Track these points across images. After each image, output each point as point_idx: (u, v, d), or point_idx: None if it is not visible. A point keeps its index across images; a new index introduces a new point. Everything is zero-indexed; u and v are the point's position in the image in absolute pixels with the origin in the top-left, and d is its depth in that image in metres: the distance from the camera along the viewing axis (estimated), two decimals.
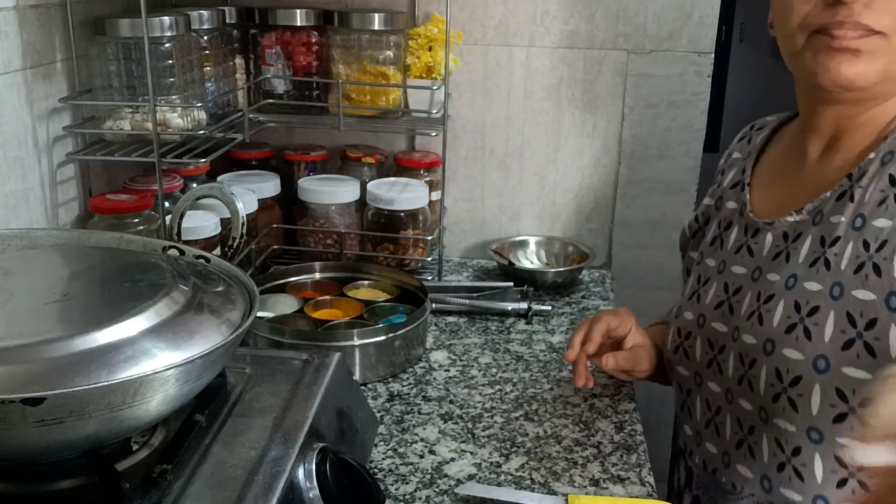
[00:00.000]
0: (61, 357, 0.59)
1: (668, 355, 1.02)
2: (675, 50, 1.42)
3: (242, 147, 1.44)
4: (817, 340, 0.81)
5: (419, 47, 1.36)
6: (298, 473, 0.70)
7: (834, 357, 0.79)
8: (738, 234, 0.95)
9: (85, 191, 1.21)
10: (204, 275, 0.77)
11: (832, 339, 0.80)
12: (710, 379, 0.94)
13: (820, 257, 0.83)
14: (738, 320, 0.90)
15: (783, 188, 0.93)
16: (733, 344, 0.90)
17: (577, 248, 1.49)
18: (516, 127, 1.49)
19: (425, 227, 1.42)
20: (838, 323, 0.80)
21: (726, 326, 0.92)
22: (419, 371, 1.13)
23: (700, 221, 1.06)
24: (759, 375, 0.86)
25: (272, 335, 1.06)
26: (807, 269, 0.84)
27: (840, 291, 0.80)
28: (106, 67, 1.12)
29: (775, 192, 0.94)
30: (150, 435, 0.72)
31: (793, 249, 0.87)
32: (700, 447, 0.96)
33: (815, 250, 0.84)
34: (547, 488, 0.88)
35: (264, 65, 1.37)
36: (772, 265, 0.89)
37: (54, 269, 0.79)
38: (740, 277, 0.92)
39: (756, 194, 0.96)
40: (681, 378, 0.99)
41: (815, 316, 0.82)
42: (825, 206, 0.85)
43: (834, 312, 0.80)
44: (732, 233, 0.96)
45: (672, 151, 1.48)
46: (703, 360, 0.95)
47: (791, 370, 0.82)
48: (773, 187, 0.95)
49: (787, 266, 0.86)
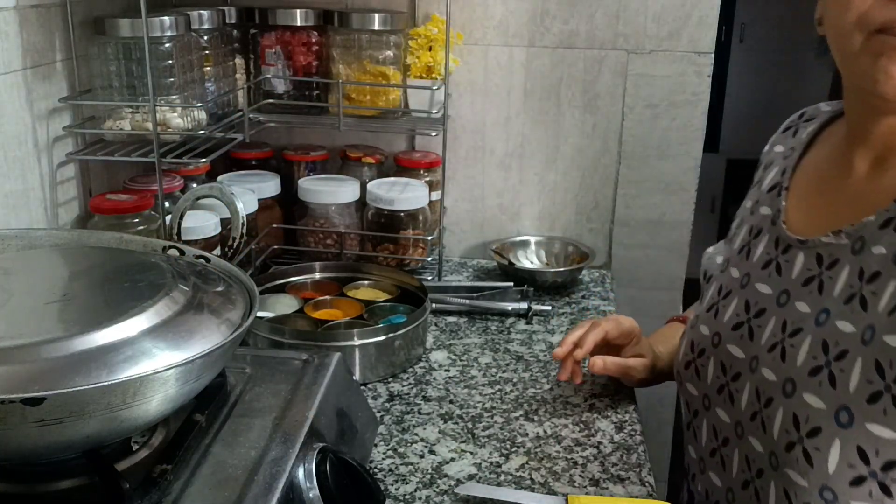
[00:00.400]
0: (61, 357, 0.59)
1: (678, 367, 0.94)
2: (675, 50, 1.42)
3: (242, 147, 1.44)
4: (842, 389, 0.70)
5: (419, 47, 1.36)
6: (298, 473, 0.70)
7: (858, 410, 0.69)
8: (768, 247, 0.85)
9: (85, 191, 1.21)
10: (204, 275, 0.77)
11: (857, 390, 0.69)
12: (719, 406, 0.85)
13: (856, 294, 0.72)
14: (758, 348, 0.80)
15: (823, 201, 0.82)
16: (750, 375, 0.80)
17: (577, 248, 1.49)
18: (516, 127, 1.49)
19: (425, 227, 1.42)
20: (865, 371, 0.69)
21: (743, 353, 0.82)
22: (419, 371, 1.13)
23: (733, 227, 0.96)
24: (773, 417, 0.76)
25: (272, 335, 1.06)
26: (841, 306, 0.73)
27: (871, 335, 0.69)
28: (106, 67, 1.12)
29: (814, 204, 0.84)
30: (150, 435, 0.72)
31: (827, 278, 0.76)
32: (703, 475, 0.88)
33: (853, 284, 0.73)
34: (547, 488, 0.88)
35: (264, 65, 1.37)
36: (801, 292, 0.78)
37: (54, 269, 0.79)
38: (765, 298, 0.82)
39: (793, 203, 0.86)
40: (689, 396, 0.91)
41: (842, 361, 0.71)
42: (867, 232, 0.73)
43: (862, 359, 0.70)
44: (762, 243, 0.86)
45: (672, 151, 1.48)
46: (714, 383, 0.86)
47: (810, 419, 0.72)
48: (813, 198, 0.84)
49: (820, 298, 0.76)
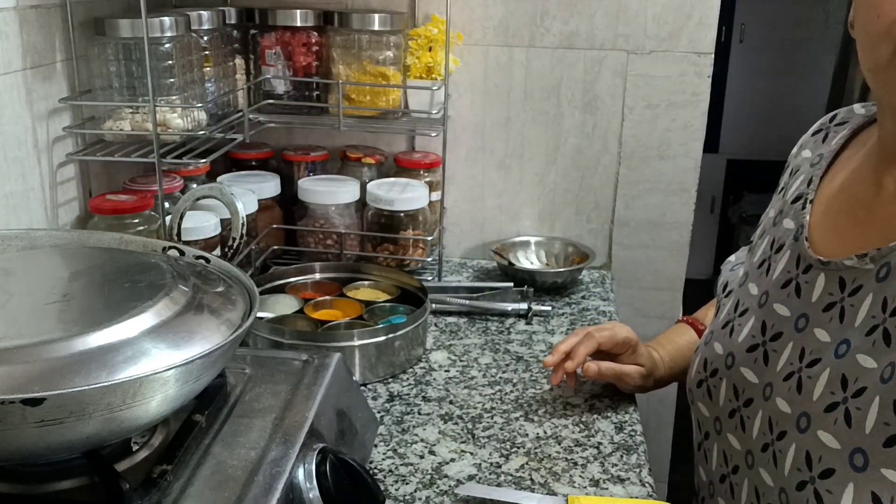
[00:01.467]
0: (61, 357, 0.59)
1: (690, 385, 0.91)
2: (675, 50, 1.42)
3: (242, 147, 1.44)
4: (857, 429, 0.66)
5: (419, 47, 1.36)
6: (298, 474, 0.70)
7: (873, 454, 0.64)
8: (789, 264, 0.80)
9: (85, 191, 1.21)
10: (204, 275, 0.77)
11: (873, 432, 0.64)
12: (730, 431, 0.82)
13: (879, 326, 0.67)
14: (773, 376, 0.76)
15: (849, 220, 0.77)
16: (763, 403, 0.77)
17: (577, 248, 1.49)
18: (516, 127, 1.49)
19: (425, 228, 1.42)
20: (883, 412, 0.64)
21: (757, 378, 0.78)
22: (419, 371, 1.13)
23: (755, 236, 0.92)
24: (786, 451, 0.72)
25: (272, 335, 1.06)
26: (862, 338, 0.68)
27: (891, 373, 0.64)
28: (106, 68, 1.12)
29: (839, 222, 0.78)
30: (150, 435, 0.72)
31: (849, 306, 0.71)
32: (713, 499, 0.86)
33: (875, 315, 0.68)
34: (547, 489, 0.88)
35: (264, 65, 1.37)
36: (821, 318, 0.73)
37: (54, 269, 0.79)
38: (782, 321, 0.78)
39: (817, 217, 0.80)
40: (700, 416, 0.88)
41: (860, 398, 0.66)
42: (894, 259, 0.68)
43: (880, 398, 0.65)
44: (783, 260, 0.81)
45: (672, 151, 1.48)
46: (725, 406, 0.83)
47: (824, 459, 0.68)
48: (839, 215, 0.78)
49: (841, 327, 0.71)
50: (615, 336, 1.03)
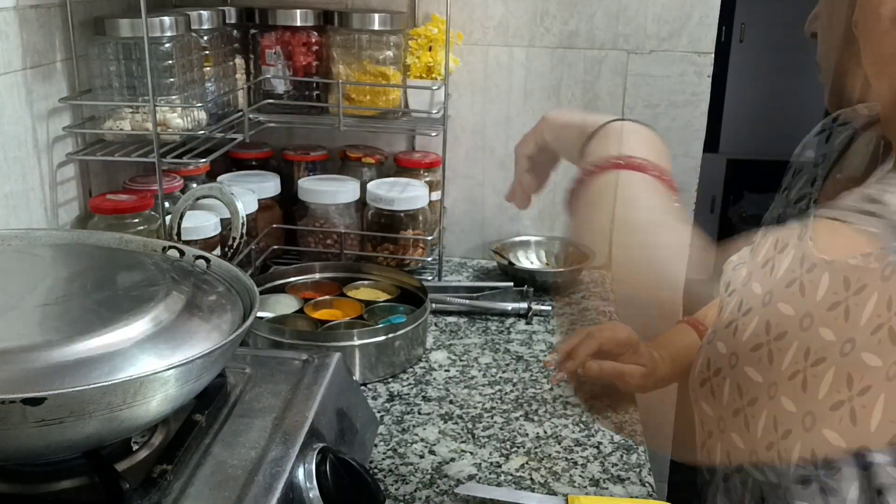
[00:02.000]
0: (62, 358, 0.59)
1: (693, 384, 0.91)
2: (675, 50, 1.42)
3: (242, 147, 1.44)
4: (862, 428, 0.67)
5: (419, 47, 1.36)
6: (298, 473, 0.70)
7: (879, 452, 0.67)
8: (793, 264, 0.81)
9: (85, 191, 1.21)
10: (204, 275, 0.77)
11: (878, 430, 0.66)
12: (734, 430, 0.83)
13: (884, 324, 0.67)
14: (778, 374, 0.78)
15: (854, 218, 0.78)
16: (768, 402, 0.78)
17: (577, 249, 1.49)
18: (516, 127, 1.49)
19: (425, 228, 1.42)
20: (888, 410, 0.65)
21: (762, 377, 0.80)
22: (419, 371, 1.13)
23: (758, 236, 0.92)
24: (791, 450, 0.72)
25: (272, 335, 1.06)
26: (868, 337, 0.68)
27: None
28: (106, 67, 1.12)
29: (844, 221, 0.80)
30: (150, 435, 0.72)
31: (854, 305, 0.73)
32: (714, 499, 0.87)
33: (881, 314, 0.68)
34: (547, 488, 0.88)
35: (264, 65, 1.37)
36: (826, 318, 0.75)
37: (54, 269, 0.79)
38: (787, 320, 0.79)
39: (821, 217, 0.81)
40: (704, 416, 0.88)
41: (865, 396, 0.67)
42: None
43: (885, 396, 0.66)
44: (786, 259, 0.83)
45: (672, 151, 1.46)
46: (729, 405, 0.84)
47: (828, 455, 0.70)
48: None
49: (846, 326, 0.73)
50: (616, 336, 1.04)
